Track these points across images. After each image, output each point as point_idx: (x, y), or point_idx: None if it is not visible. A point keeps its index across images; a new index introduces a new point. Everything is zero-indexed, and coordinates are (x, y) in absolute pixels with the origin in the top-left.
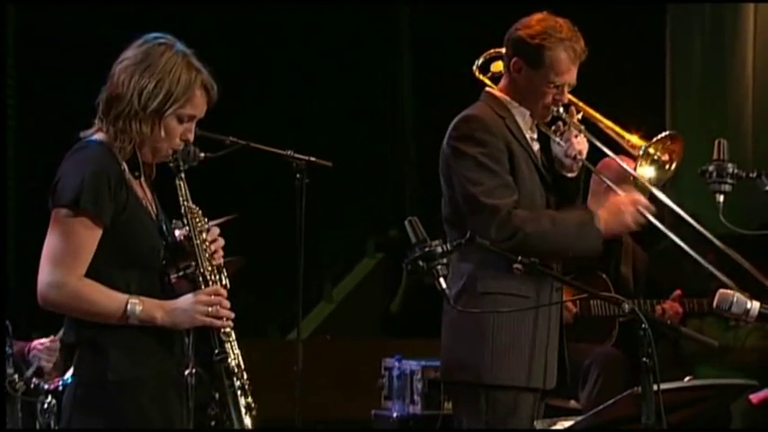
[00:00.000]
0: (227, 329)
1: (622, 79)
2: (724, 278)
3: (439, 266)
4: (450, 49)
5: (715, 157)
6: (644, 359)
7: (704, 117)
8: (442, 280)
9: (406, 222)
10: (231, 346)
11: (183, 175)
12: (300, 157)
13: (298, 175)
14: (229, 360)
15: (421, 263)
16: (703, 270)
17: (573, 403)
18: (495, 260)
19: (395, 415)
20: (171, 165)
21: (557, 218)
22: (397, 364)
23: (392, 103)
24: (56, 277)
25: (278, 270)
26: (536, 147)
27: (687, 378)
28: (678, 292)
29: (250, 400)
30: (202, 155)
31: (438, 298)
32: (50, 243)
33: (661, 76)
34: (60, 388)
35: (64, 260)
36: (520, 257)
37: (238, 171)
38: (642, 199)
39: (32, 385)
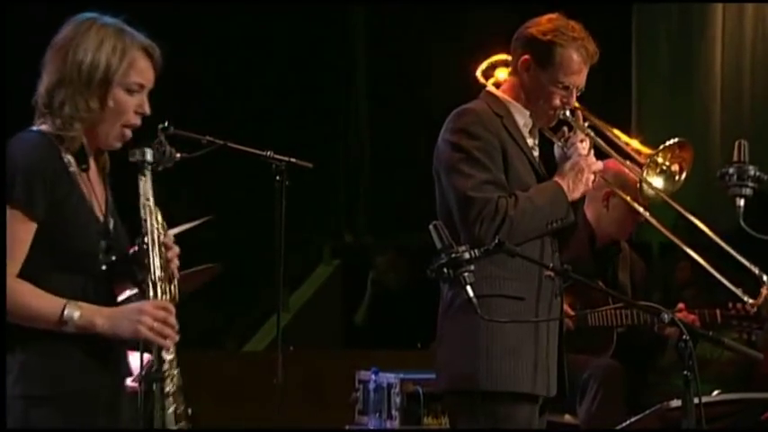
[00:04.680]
0: (170, 349)
1: (587, 81)
2: (731, 286)
3: (466, 273)
4: (405, 51)
5: (735, 158)
6: (685, 372)
7: (671, 118)
8: (469, 288)
9: (431, 227)
10: (171, 366)
11: (147, 173)
12: (281, 158)
13: (278, 177)
14: (166, 383)
15: (446, 270)
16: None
17: (567, 418)
18: (489, 262)
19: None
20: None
21: (530, 195)
22: (373, 377)
23: (346, 106)
24: None
25: (234, 279)
26: (536, 153)
27: (715, 392)
28: (681, 305)
29: (183, 424)
30: (178, 155)
31: (407, 308)
32: None
33: (627, 77)
34: None
35: None
36: (552, 265)
37: (205, 172)
38: (597, 163)
39: None
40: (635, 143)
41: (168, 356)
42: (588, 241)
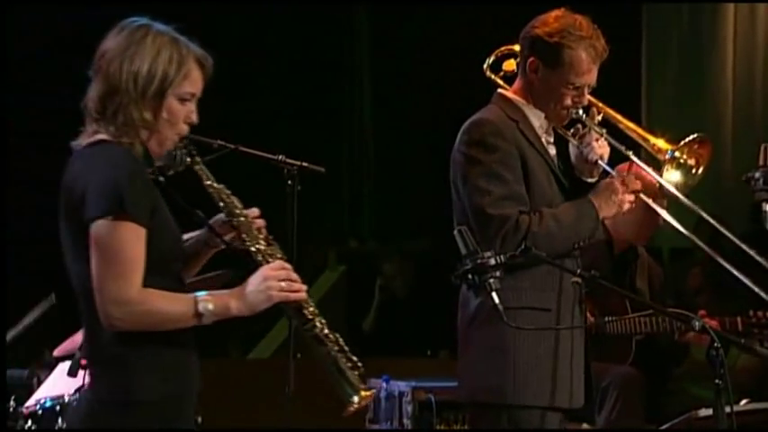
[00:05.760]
0: (304, 299)
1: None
2: (761, 293)
3: (492, 280)
4: (410, 52)
5: (761, 163)
6: (716, 381)
7: (681, 121)
8: (495, 294)
9: (456, 232)
10: (313, 313)
11: (198, 159)
12: (293, 162)
13: (289, 182)
14: (317, 328)
15: (471, 276)
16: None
17: (585, 426)
18: (514, 272)
19: None
20: (183, 152)
21: (556, 214)
22: (384, 385)
23: (350, 109)
24: (115, 294)
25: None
26: (552, 151)
27: (744, 401)
28: (702, 312)
29: (355, 359)
30: (189, 159)
31: (415, 315)
32: (100, 258)
33: (636, 78)
34: (39, 411)
35: (119, 274)
36: (579, 270)
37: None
38: (634, 182)
39: (11, 409)
40: (653, 139)
41: (308, 306)
42: (606, 247)
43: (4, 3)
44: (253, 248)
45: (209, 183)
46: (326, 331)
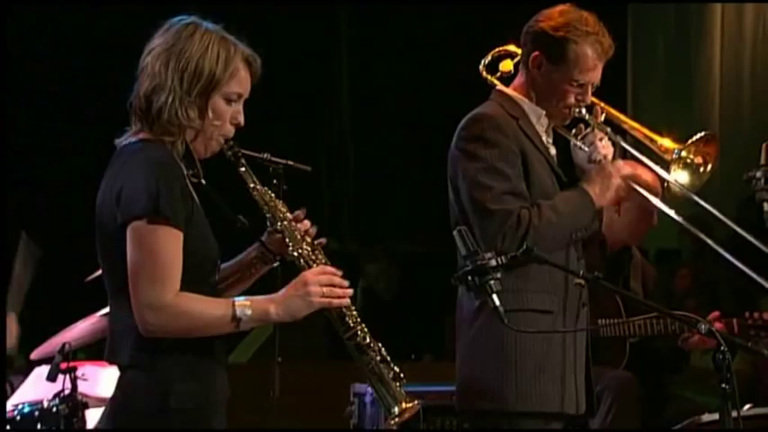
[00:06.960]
0: (347, 305)
1: None
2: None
3: (492, 281)
4: (390, 52)
5: (763, 162)
6: (723, 385)
7: (668, 124)
8: (495, 297)
9: (455, 232)
10: (355, 321)
11: (244, 161)
12: (278, 160)
13: (275, 181)
14: (358, 336)
15: (471, 278)
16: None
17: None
18: (513, 275)
19: None
20: (228, 153)
21: (553, 204)
22: (369, 389)
23: (330, 108)
24: (151, 298)
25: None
26: (553, 151)
27: (747, 406)
28: (716, 313)
29: (397, 369)
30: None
31: (398, 318)
32: (135, 261)
33: (622, 80)
34: (18, 417)
35: (155, 278)
36: (582, 272)
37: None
38: (626, 167)
39: None
40: (659, 138)
41: (350, 313)
42: (599, 247)
43: (3, 3)
44: (295, 253)
45: (253, 186)
46: (368, 340)
